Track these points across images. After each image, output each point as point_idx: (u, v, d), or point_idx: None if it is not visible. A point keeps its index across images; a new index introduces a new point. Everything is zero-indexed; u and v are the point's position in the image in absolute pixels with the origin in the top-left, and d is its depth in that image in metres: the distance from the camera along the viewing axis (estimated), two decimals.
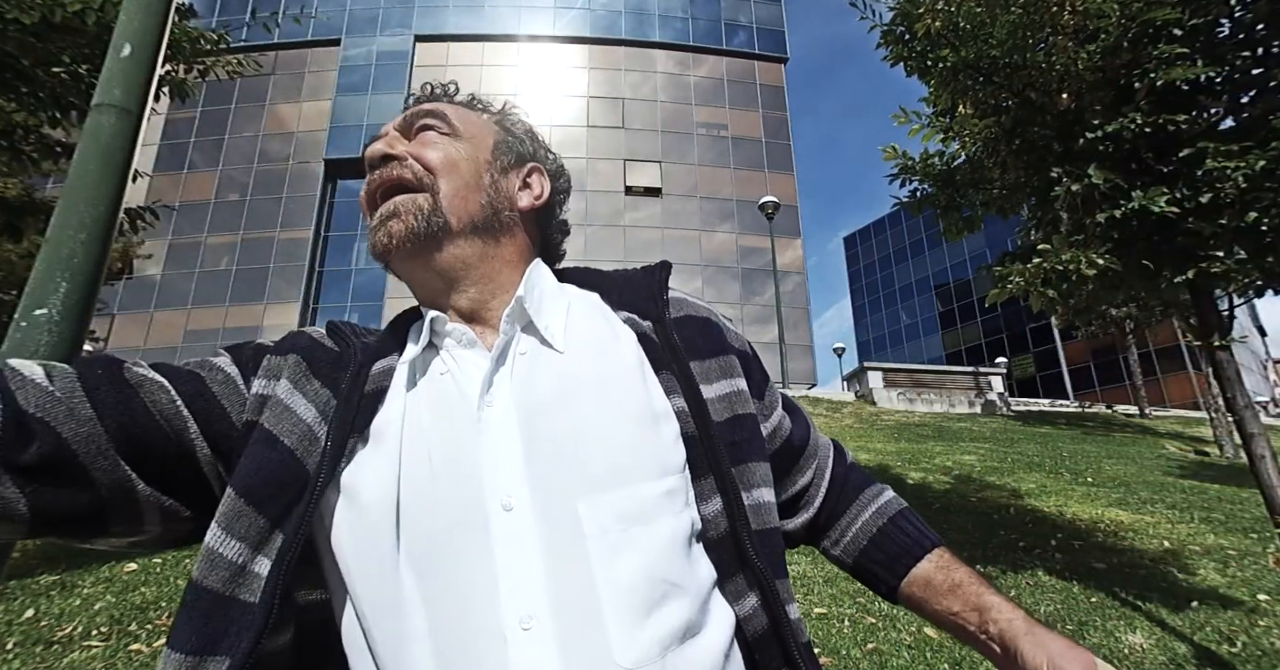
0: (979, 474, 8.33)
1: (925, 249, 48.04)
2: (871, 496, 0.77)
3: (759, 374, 0.72)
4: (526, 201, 0.70)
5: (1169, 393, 31.57)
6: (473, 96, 0.75)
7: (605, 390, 0.58)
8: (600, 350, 0.62)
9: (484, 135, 0.69)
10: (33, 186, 7.10)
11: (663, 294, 0.69)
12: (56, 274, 0.90)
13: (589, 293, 0.71)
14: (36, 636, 3.11)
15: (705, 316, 0.70)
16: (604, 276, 0.75)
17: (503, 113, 0.75)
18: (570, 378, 0.59)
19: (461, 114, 0.70)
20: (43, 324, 0.89)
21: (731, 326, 0.73)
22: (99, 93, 0.94)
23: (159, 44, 0.99)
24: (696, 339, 0.66)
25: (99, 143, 0.93)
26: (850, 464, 0.81)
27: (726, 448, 0.59)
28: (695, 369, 0.63)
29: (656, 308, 0.67)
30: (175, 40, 4.85)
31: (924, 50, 3.85)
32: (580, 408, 0.56)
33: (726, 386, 0.64)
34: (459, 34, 29.67)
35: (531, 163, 0.72)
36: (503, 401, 0.57)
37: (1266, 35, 3.15)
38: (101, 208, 0.93)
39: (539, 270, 0.68)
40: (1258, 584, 4.42)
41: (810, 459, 0.77)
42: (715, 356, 0.66)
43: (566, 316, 0.65)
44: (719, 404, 0.62)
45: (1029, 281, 3.33)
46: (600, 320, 0.66)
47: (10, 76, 3.97)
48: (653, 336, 0.64)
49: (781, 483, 0.73)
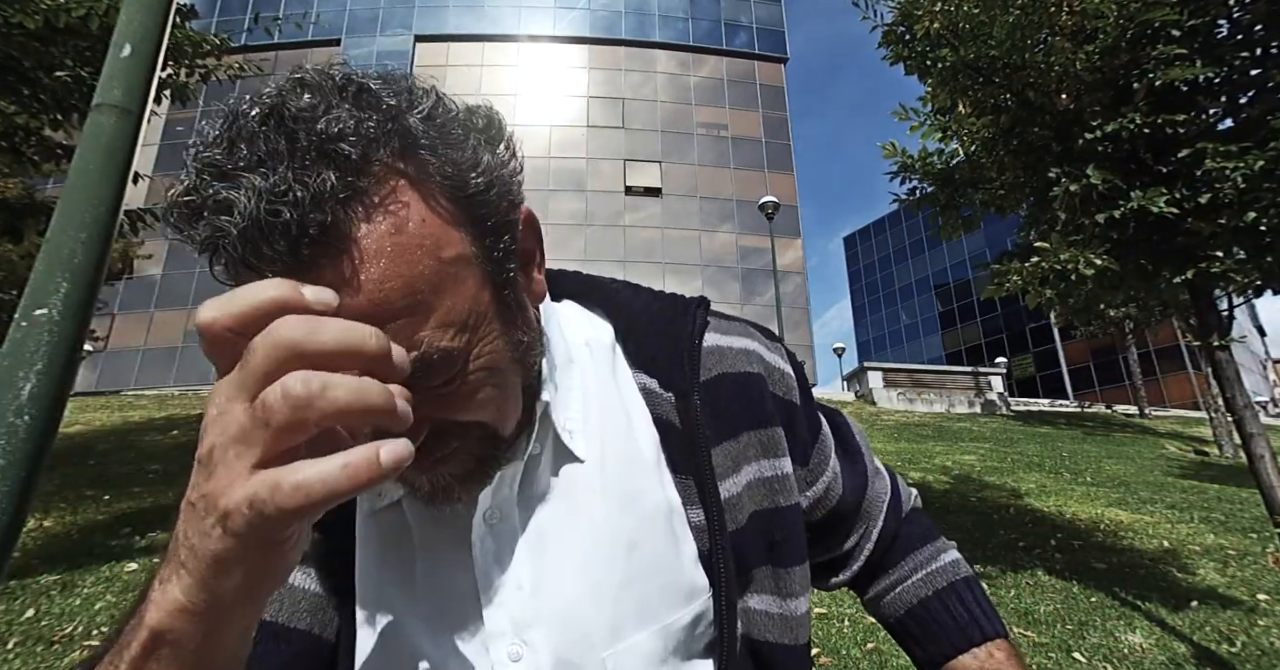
0: (979, 474, 8.33)
1: (925, 249, 48.01)
2: (924, 559, 0.66)
3: (805, 431, 0.59)
4: (541, 289, 0.47)
5: (1169, 393, 31.55)
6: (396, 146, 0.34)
7: (626, 507, 0.49)
8: (618, 450, 0.50)
9: (477, 289, 0.38)
10: (33, 187, 7.10)
11: (695, 354, 0.54)
12: (57, 274, 0.90)
13: (598, 334, 0.56)
14: (37, 636, 3.12)
15: (744, 373, 0.55)
16: (622, 307, 0.57)
17: (447, 168, 0.36)
18: (587, 492, 0.49)
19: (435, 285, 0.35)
20: (43, 324, 0.89)
21: (778, 366, 0.58)
22: (99, 93, 0.94)
23: (159, 44, 1.00)
24: (730, 408, 0.53)
25: (99, 143, 0.93)
26: (907, 516, 0.69)
27: (753, 553, 0.52)
28: (720, 458, 0.52)
29: (684, 375, 0.52)
30: (177, 43, 4.85)
31: (924, 50, 3.86)
32: (600, 530, 0.47)
33: (761, 471, 0.54)
34: (459, 34, 29.66)
35: (523, 220, 0.43)
36: (509, 520, 0.47)
37: (1265, 36, 3.16)
38: (102, 208, 0.93)
39: (550, 338, 0.51)
40: (1257, 584, 4.42)
41: (860, 522, 0.65)
42: (752, 429, 0.54)
43: (583, 400, 0.51)
44: (749, 495, 0.52)
45: (1026, 280, 3.33)
46: (614, 397, 0.53)
47: (12, 79, 3.98)
48: (674, 423, 0.51)
49: (822, 544, 0.63)
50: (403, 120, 0.34)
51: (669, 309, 0.57)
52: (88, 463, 6.98)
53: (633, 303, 0.58)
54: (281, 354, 0.26)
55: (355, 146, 0.32)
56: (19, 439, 0.89)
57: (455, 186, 0.36)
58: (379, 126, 0.33)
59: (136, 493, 5.73)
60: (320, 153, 0.31)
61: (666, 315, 0.56)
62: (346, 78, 0.35)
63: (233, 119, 0.33)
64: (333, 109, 0.32)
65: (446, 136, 0.36)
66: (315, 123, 0.32)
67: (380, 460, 0.27)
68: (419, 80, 0.39)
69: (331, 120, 0.32)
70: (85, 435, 8.80)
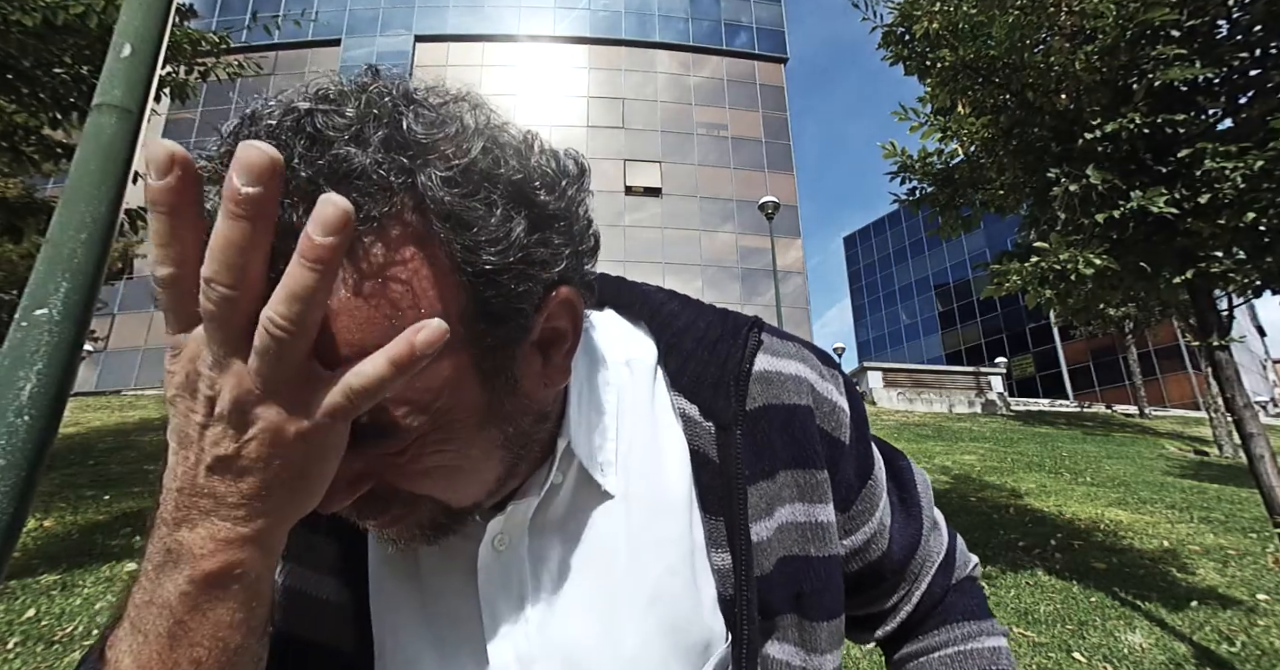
0: (979, 474, 8.34)
1: (925, 249, 48.03)
2: (962, 635, 0.59)
3: (851, 474, 0.53)
4: (562, 377, 0.41)
5: (1169, 393, 31.56)
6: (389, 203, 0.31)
7: (652, 555, 0.45)
8: (647, 489, 0.47)
9: (453, 374, 0.34)
10: (33, 187, 7.11)
11: (743, 382, 0.49)
12: (57, 274, 0.90)
13: (641, 352, 0.51)
14: (38, 636, 3.12)
15: (791, 405, 0.50)
16: (668, 323, 0.52)
17: (456, 241, 0.32)
18: (610, 532, 0.46)
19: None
20: (43, 324, 0.89)
21: (829, 398, 0.53)
22: (99, 93, 0.95)
23: (159, 44, 1.00)
24: (773, 444, 0.49)
25: (100, 143, 0.93)
26: (959, 584, 0.63)
27: (777, 600, 0.48)
28: (754, 498, 0.48)
29: (728, 405, 0.48)
30: (176, 42, 4.85)
31: (923, 50, 3.86)
32: (620, 577, 0.45)
33: (795, 515, 0.49)
34: (459, 34, 29.67)
35: (554, 305, 0.38)
36: (518, 550, 0.44)
37: (1264, 36, 3.16)
38: (102, 208, 0.93)
39: (580, 367, 0.47)
40: (1257, 584, 4.42)
41: (906, 580, 0.60)
42: (792, 469, 0.49)
43: (617, 429, 0.48)
44: (780, 540, 0.48)
45: (1026, 280, 3.34)
46: (649, 426, 0.49)
47: (12, 78, 3.97)
48: (711, 457, 0.48)
49: (860, 598, 0.59)
50: (425, 173, 0.31)
51: (718, 327, 0.52)
52: (88, 463, 6.99)
53: (679, 318, 0.53)
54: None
55: (364, 192, 0.30)
56: (19, 439, 0.90)
57: (462, 260, 0.32)
58: (397, 175, 0.30)
59: (136, 493, 5.73)
60: (329, 180, 0.29)
61: (714, 335, 0.51)
62: (389, 98, 0.32)
63: (251, 120, 0.31)
64: (360, 138, 0.30)
65: (469, 200, 0.32)
66: (333, 147, 0.30)
67: (416, 345, 0.28)
68: (482, 111, 0.36)
69: (350, 154, 0.30)
70: (85, 435, 8.80)
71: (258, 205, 0.25)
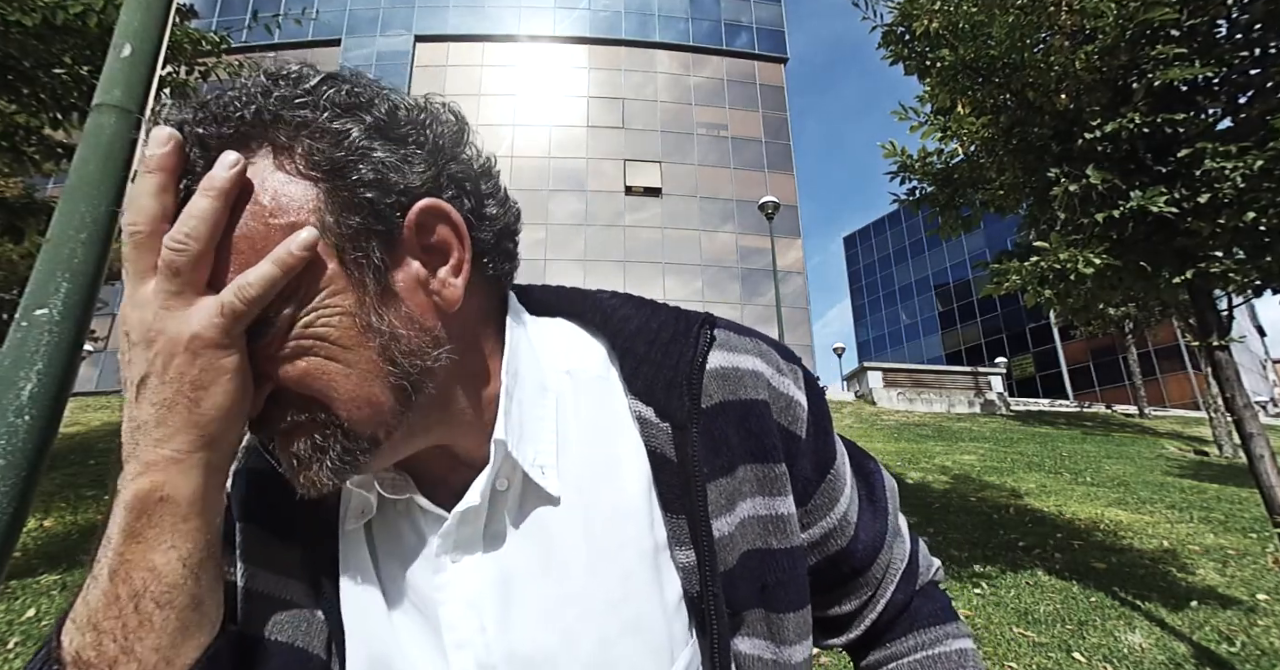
0: (979, 474, 8.34)
1: (925, 249, 48.03)
2: (929, 640, 0.60)
3: (809, 468, 0.54)
4: (451, 293, 0.43)
5: (1168, 393, 31.56)
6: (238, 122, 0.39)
7: (610, 559, 0.46)
8: (601, 492, 0.48)
9: (322, 259, 0.38)
10: (33, 187, 7.11)
11: (696, 381, 0.50)
12: (57, 274, 0.90)
13: (584, 361, 0.52)
14: (38, 636, 3.12)
15: (747, 400, 0.50)
16: (619, 328, 0.53)
17: (316, 131, 0.39)
18: (565, 537, 0.46)
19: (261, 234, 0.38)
20: (43, 324, 0.89)
21: (785, 392, 0.52)
22: (99, 93, 0.95)
23: (159, 44, 1.00)
24: (730, 439, 0.49)
25: (100, 143, 0.93)
26: (923, 589, 0.63)
27: (743, 595, 0.49)
28: (714, 494, 0.48)
29: (682, 405, 0.49)
30: (176, 41, 4.86)
31: (923, 50, 3.86)
32: (578, 581, 0.46)
33: (757, 509, 0.50)
34: (459, 34, 29.66)
35: (418, 211, 0.41)
36: (472, 557, 0.46)
37: (1264, 35, 3.16)
38: (102, 208, 0.93)
39: (518, 368, 0.48)
40: (1256, 583, 4.42)
41: (867, 585, 0.59)
42: (751, 463, 0.50)
43: (556, 432, 0.49)
44: (742, 534, 0.49)
45: (1026, 280, 3.33)
46: (600, 431, 0.50)
47: (12, 78, 3.97)
48: (669, 456, 0.48)
49: (820, 600, 0.58)
50: (293, 97, 0.39)
51: (670, 328, 0.52)
52: (88, 463, 6.99)
53: (631, 322, 0.53)
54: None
55: (247, 106, 0.38)
56: (19, 439, 0.90)
57: (320, 163, 0.38)
58: (271, 95, 0.39)
59: None
60: (217, 124, 0.38)
61: (666, 336, 0.51)
62: (329, 72, 0.42)
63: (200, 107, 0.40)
64: (270, 81, 0.40)
65: (309, 111, 0.39)
66: (227, 110, 0.38)
67: (293, 247, 0.36)
68: (395, 92, 0.44)
69: (254, 83, 0.40)
70: (85, 435, 8.81)
71: (158, 160, 0.36)
